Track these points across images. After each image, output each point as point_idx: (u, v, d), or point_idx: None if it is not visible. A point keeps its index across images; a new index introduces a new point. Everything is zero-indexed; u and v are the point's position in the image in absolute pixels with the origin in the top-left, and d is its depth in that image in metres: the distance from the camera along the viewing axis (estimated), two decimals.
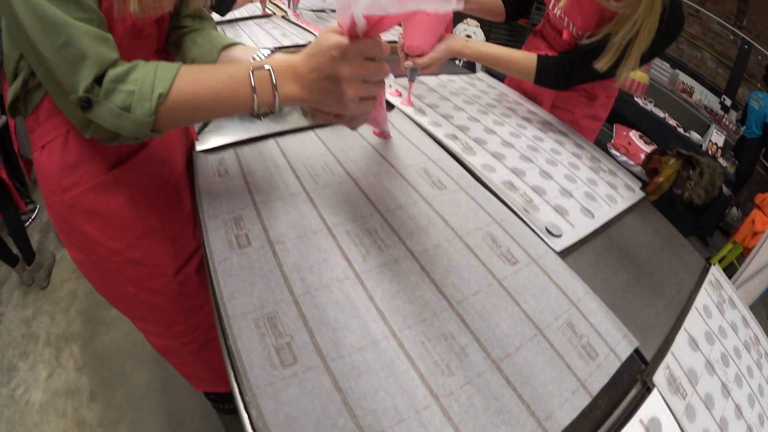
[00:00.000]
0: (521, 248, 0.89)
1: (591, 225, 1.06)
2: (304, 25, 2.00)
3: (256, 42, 1.73)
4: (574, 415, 0.64)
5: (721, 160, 4.78)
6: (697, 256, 1.23)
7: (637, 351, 0.82)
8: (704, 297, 1.07)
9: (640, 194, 1.32)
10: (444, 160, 1.10)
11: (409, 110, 1.30)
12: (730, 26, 7.00)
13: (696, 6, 7.20)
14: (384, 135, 1.14)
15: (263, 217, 0.83)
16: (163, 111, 0.67)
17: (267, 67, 0.68)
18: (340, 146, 1.08)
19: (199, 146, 1.02)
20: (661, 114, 5.19)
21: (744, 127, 5.40)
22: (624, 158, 3.89)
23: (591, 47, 1.32)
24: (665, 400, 0.76)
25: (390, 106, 1.31)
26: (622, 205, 1.21)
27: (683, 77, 6.67)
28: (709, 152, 4.76)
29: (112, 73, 0.64)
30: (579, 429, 0.64)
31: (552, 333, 0.75)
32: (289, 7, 2.27)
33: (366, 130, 1.15)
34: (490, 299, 0.76)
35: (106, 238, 0.90)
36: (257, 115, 0.72)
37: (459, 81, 1.64)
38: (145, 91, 0.65)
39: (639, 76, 4.83)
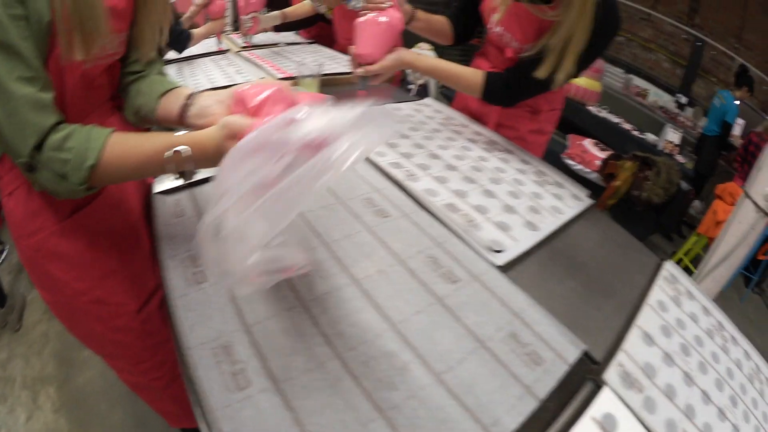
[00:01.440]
0: (462, 267, 0.95)
1: (534, 237, 1.11)
2: (258, 61, 2.05)
3: (211, 80, 1.78)
4: (521, 419, 0.69)
5: (679, 157, 4.90)
6: (650, 255, 1.28)
7: (586, 353, 0.86)
8: (658, 293, 1.11)
9: (588, 202, 1.37)
10: (387, 189, 1.16)
11: None
12: (683, 26, 7.18)
13: (647, 10, 7.37)
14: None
15: None
16: (94, 177, 0.74)
17: (181, 148, 0.75)
18: None
19: (156, 188, 1.08)
20: (615, 119, 5.27)
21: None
22: (579, 167, 3.96)
23: (533, 59, 1.36)
24: (619, 396, 0.79)
25: None
26: (569, 214, 1.26)
27: (638, 81, 6.82)
28: (666, 151, 4.86)
29: (51, 141, 0.71)
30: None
31: (495, 344, 0.80)
32: (242, 36, 2.33)
33: None
34: (431, 318, 0.82)
35: (71, 279, 0.96)
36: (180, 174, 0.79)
37: (407, 109, 1.70)
38: (77, 161, 0.72)
39: (590, 84, 4.94)
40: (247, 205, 0.58)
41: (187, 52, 2.16)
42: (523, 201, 1.25)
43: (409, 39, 1.80)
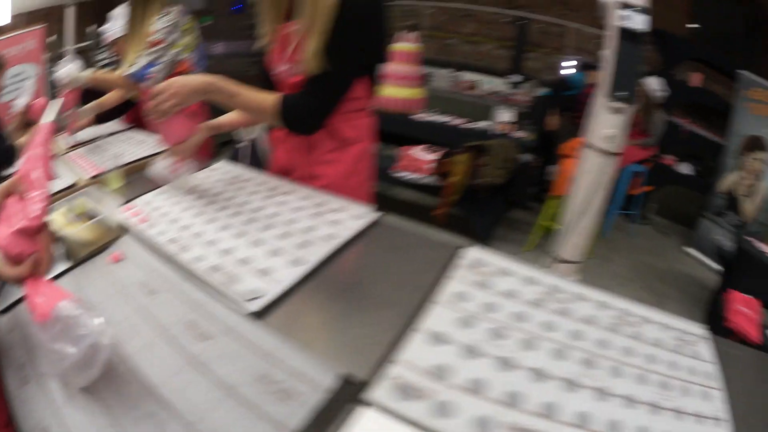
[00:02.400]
0: (217, 323, 1.01)
1: (299, 272, 1.16)
2: (75, 162, 2.03)
3: None
4: None
5: (519, 133, 5.16)
6: (448, 248, 1.28)
7: (345, 377, 0.87)
8: (454, 285, 1.12)
9: (373, 217, 1.44)
10: (160, 269, 1.21)
11: (144, 226, 1.39)
12: (504, 10, 7.61)
13: (468, 6, 7.75)
14: (117, 259, 1.25)
15: None
16: None
17: None
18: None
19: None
20: (444, 119, 5.46)
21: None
22: (413, 176, 4.17)
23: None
24: (392, 411, 0.80)
25: (125, 230, 1.40)
26: (344, 236, 1.33)
27: (468, 75, 7.24)
28: (502, 132, 5.08)
29: None
30: None
31: (244, 389, 0.86)
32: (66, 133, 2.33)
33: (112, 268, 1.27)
34: (185, 377, 0.89)
35: None
36: None
37: (195, 180, 1.72)
38: None
39: (411, 93, 5.14)
40: None
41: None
42: (293, 239, 1.30)
43: None
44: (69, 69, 2.31)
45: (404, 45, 5.27)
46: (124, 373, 0.92)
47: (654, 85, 5.45)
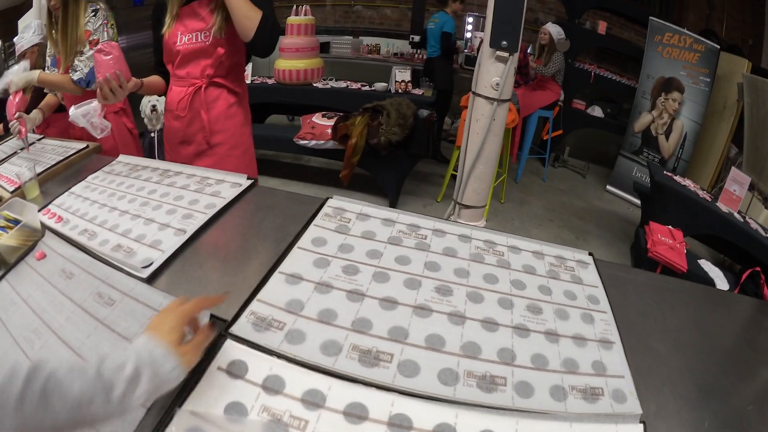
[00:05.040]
0: (118, 291, 1.16)
1: (180, 241, 1.31)
2: None
3: None
4: None
5: (416, 91, 5.27)
6: (316, 202, 1.40)
7: (213, 316, 1.01)
8: (314, 231, 1.27)
9: (246, 183, 1.59)
10: (75, 256, 1.31)
11: (59, 225, 1.49)
12: None
13: None
14: (42, 256, 1.36)
15: None
16: None
17: None
18: None
19: None
20: (342, 85, 5.51)
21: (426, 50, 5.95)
22: (313, 143, 4.21)
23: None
24: (249, 342, 0.94)
25: (45, 229, 1.48)
26: (220, 204, 1.47)
27: (367, 40, 7.29)
28: (399, 91, 5.19)
29: None
30: None
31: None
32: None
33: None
34: (98, 335, 1.06)
35: None
36: None
37: (101, 174, 1.83)
38: None
39: (309, 63, 5.15)
40: None
41: None
42: (177, 214, 1.45)
43: None
44: (20, 69, 2.32)
45: (297, 18, 5.24)
46: (51, 344, 1.08)
47: (554, 30, 5.48)
